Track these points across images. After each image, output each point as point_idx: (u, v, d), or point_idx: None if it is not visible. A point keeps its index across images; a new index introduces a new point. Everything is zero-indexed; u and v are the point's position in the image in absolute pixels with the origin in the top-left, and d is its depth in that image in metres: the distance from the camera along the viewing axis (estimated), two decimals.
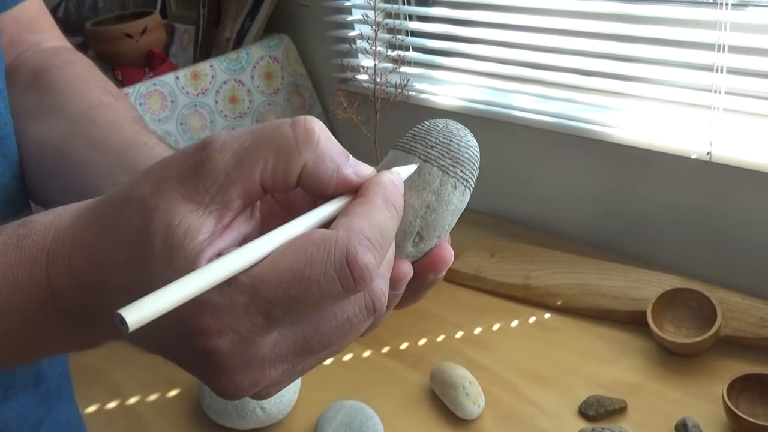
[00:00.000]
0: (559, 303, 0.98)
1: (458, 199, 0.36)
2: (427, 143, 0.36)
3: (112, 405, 0.93)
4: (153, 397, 0.93)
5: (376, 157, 0.98)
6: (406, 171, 0.35)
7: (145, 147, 0.47)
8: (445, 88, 1.24)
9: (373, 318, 0.32)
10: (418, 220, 0.35)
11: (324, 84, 1.47)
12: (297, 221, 0.31)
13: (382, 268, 0.32)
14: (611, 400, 0.81)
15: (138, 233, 0.30)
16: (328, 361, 1.01)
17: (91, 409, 0.92)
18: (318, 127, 0.32)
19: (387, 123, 1.01)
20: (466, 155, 0.37)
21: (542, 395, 0.85)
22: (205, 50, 1.49)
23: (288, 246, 0.29)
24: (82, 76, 0.56)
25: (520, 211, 1.22)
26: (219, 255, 0.29)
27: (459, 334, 0.97)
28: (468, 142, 0.37)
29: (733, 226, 0.99)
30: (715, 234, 1.01)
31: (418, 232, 0.35)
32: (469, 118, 1.22)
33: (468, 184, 0.37)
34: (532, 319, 0.98)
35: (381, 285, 0.32)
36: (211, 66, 1.35)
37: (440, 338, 0.96)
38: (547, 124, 1.10)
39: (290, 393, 0.85)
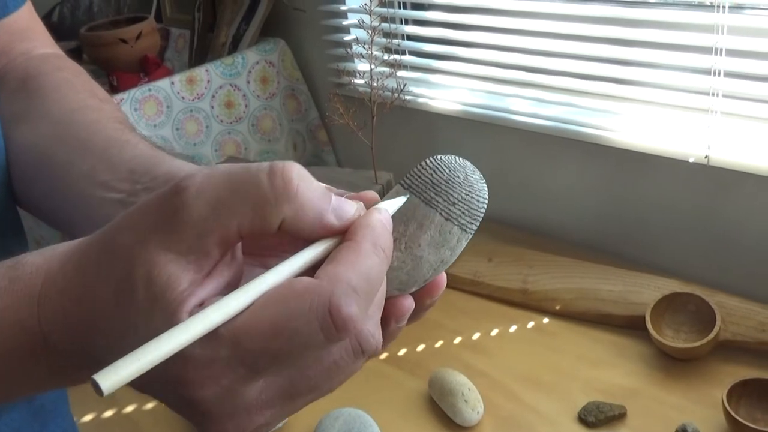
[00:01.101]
0: (557, 308, 0.98)
1: (465, 245, 0.36)
2: (449, 199, 0.36)
3: (108, 414, 0.93)
4: (149, 405, 0.93)
5: (373, 162, 0.97)
6: (394, 205, 0.35)
7: (127, 144, 0.47)
8: (442, 92, 1.23)
9: (364, 358, 0.32)
10: (431, 272, 0.35)
11: (320, 88, 1.46)
12: (279, 268, 0.30)
13: (371, 310, 0.31)
14: (611, 406, 0.80)
15: (123, 281, 0.30)
16: None
17: (87, 418, 0.92)
18: (296, 176, 0.31)
19: (383, 128, 1.00)
20: (482, 211, 0.37)
21: (541, 401, 0.84)
22: (200, 55, 1.48)
23: (270, 296, 0.29)
24: (69, 80, 0.55)
25: (518, 215, 1.22)
26: (201, 305, 0.29)
27: (457, 340, 0.96)
28: (485, 197, 0.37)
29: (732, 229, 0.99)
30: (714, 237, 1.01)
31: (425, 279, 0.35)
32: (466, 122, 1.21)
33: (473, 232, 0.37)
34: (530, 324, 0.97)
35: (370, 327, 0.31)
36: (206, 71, 1.35)
37: (438, 344, 0.96)
38: (545, 127, 1.10)
39: None
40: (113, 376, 0.27)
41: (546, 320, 0.98)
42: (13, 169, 0.52)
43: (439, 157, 0.37)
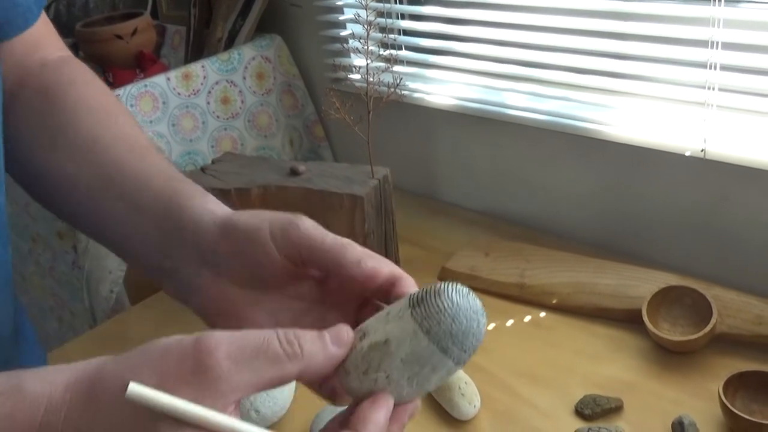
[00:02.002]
0: (554, 302, 0.98)
1: None
2: (462, 347, 0.40)
3: None
4: None
5: (369, 157, 0.97)
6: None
7: (151, 185, 0.52)
8: (438, 87, 1.23)
9: None
10: (428, 391, 0.42)
11: (316, 84, 1.46)
12: None
13: None
14: (607, 399, 0.80)
15: (140, 427, 0.35)
16: None
17: None
18: (302, 337, 0.38)
19: (380, 123, 1.00)
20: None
21: (538, 395, 0.84)
22: (196, 51, 1.48)
23: None
24: (84, 99, 0.59)
25: (515, 210, 1.22)
26: None
27: None
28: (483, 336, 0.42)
29: (728, 222, 0.99)
30: (710, 231, 1.01)
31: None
32: (462, 116, 1.21)
33: None
34: (527, 318, 0.97)
35: None
36: (202, 67, 1.34)
37: None
38: (541, 122, 1.10)
39: (285, 395, 0.85)
40: (143, 390, 0.34)
41: (543, 314, 0.98)
42: (56, 194, 0.58)
43: (456, 301, 0.40)
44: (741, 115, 0.94)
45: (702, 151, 0.94)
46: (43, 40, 0.63)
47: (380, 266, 0.45)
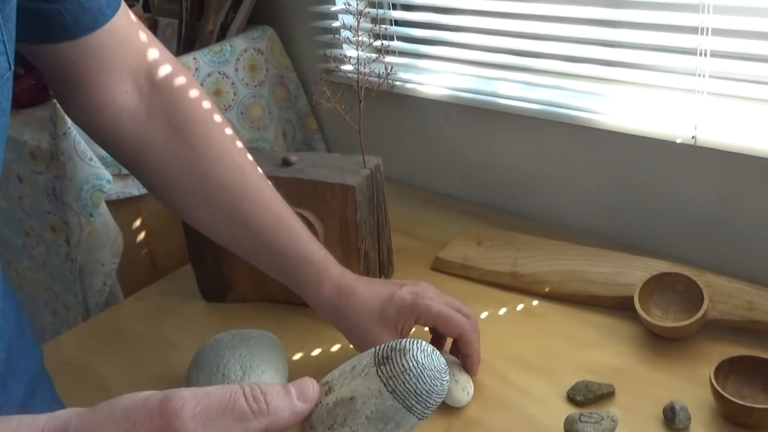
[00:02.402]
0: (546, 290, 0.98)
1: None
2: (426, 404, 0.41)
3: (98, 400, 0.93)
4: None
5: (361, 146, 0.97)
6: None
7: (279, 238, 0.78)
8: (430, 77, 1.23)
9: None
10: None
11: (308, 75, 1.46)
12: None
13: None
14: (599, 385, 0.81)
15: None
16: (316, 351, 1.00)
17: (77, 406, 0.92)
18: (268, 393, 0.39)
19: (372, 113, 1.00)
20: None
21: (531, 382, 0.84)
22: (188, 43, 1.47)
23: None
24: (224, 145, 0.76)
25: (507, 199, 1.22)
26: None
27: None
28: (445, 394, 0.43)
29: (720, 209, 0.99)
30: (702, 218, 1.01)
31: None
32: (453, 106, 1.21)
33: None
34: (519, 307, 0.98)
35: None
36: (194, 59, 1.34)
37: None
38: (533, 111, 1.10)
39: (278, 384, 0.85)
40: None
41: (535, 302, 0.98)
42: (205, 225, 0.78)
43: (420, 361, 0.41)
44: (732, 101, 0.94)
45: (693, 138, 0.94)
46: (130, 33, 0.68)
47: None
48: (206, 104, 0.75)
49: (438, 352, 0.42)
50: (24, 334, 0.70)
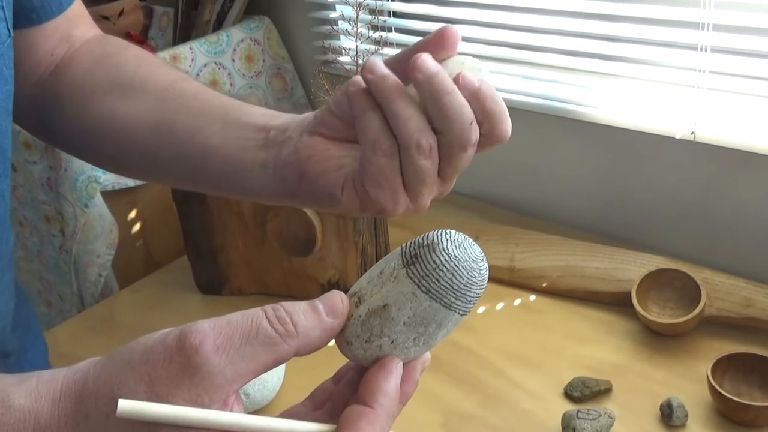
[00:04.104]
0: (544, 285, 0.98)
1: None
2: (466, 299, 0.38)
3: None
4: None
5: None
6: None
7: (242, 106, 0.56)
8: None
9: None
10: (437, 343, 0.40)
11: (306, 66, 1.45)
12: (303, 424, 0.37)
13: None
14: (596, 382, 0.81)
15: None
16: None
17: None
18: (293, 313, 0.36)
19: None
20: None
21: (528, 377, 0.84)
22: (184, 33, 1.46)
23: None
24: (141, 57, 0.63)
25: (505, 194, 1.22)
26: None
27: None
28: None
29: (718, 206, 0.99)
30: (700, 214, 1.01)
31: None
32: None
33: None
34: (517, 302, 0.98)
35: None
36: (190, 49, 1.33)
37: None
38: (531, 105, 1.10)
39: (275, 379, 0.85)
40: (134, 405, 0.32)
41: (533, 297, 0.98)
42: (126, 140, 0.58)
43: (452, 253, 0.37)
44: (731, 97, 0.93)
45: (692, 134, 0.94)
46: (80, 18, 0.66)
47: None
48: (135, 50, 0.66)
49: (470, 240, 0.38)
50: (30, 329, 0.70)
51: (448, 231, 0.38)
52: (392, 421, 0.37)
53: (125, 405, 0.32)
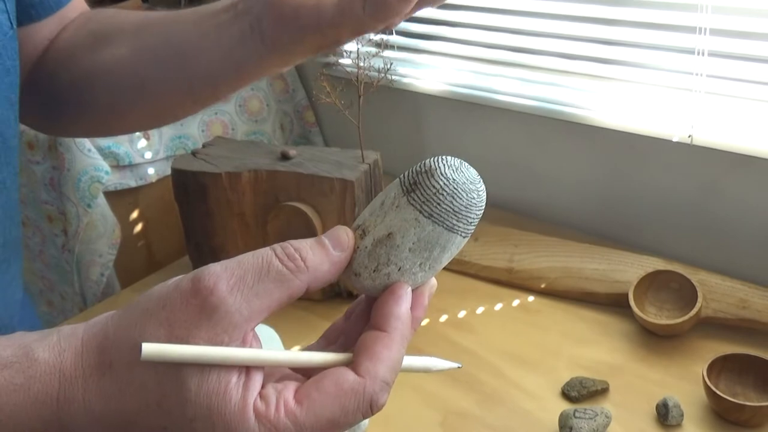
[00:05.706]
0: (542, 286, 0.99)
1: None
2: (467, 220, 0.39)
3: None
4: None
5: (360, 142, 0.97)
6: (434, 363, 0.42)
7: (210, 5, 0.58)
8: (429, 73, 1.23)
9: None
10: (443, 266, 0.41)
11: (307, 68, 1.46)
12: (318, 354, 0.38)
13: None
14: (593, 382, 0.82)
15: (166, 381, 0.34)
16: None
17: None
18: (302, 249, 0.37)
19: (371, 108, 1.00)
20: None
21: (525, 377, 0.85)
22: None
23: (324, 389, 0.36)
24: (117, 10, 0.67)
25: (504, 195, 1.22)
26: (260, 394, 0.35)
27: (443, 318, 0.97)
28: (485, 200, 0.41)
29: (714, 208, 1.00)
30: (697, 216, 1.02)
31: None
32: (452, 102, 1.22)
33: None
34: (515, 302, 0.98)
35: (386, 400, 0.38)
36: None
37: (424, 322, 0.97)
38: (530, 107, 1.11)
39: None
40: (158, 348, 0.33)
41: (531, 298, 0.99)
42: (118, 84, 0.62)
43: (450, 177, 0.38)
44: (728, 101, 0.94)
45: (689, 137, 0.95)
46: (76, 4, 0.68)
47: None
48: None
49: (466, 163, 0.39)
50: (33, 328, 0.71)
51: (444, 156, 0.39)
52: (406, 345, 0.38)
53: (149, 348, 0.33)
